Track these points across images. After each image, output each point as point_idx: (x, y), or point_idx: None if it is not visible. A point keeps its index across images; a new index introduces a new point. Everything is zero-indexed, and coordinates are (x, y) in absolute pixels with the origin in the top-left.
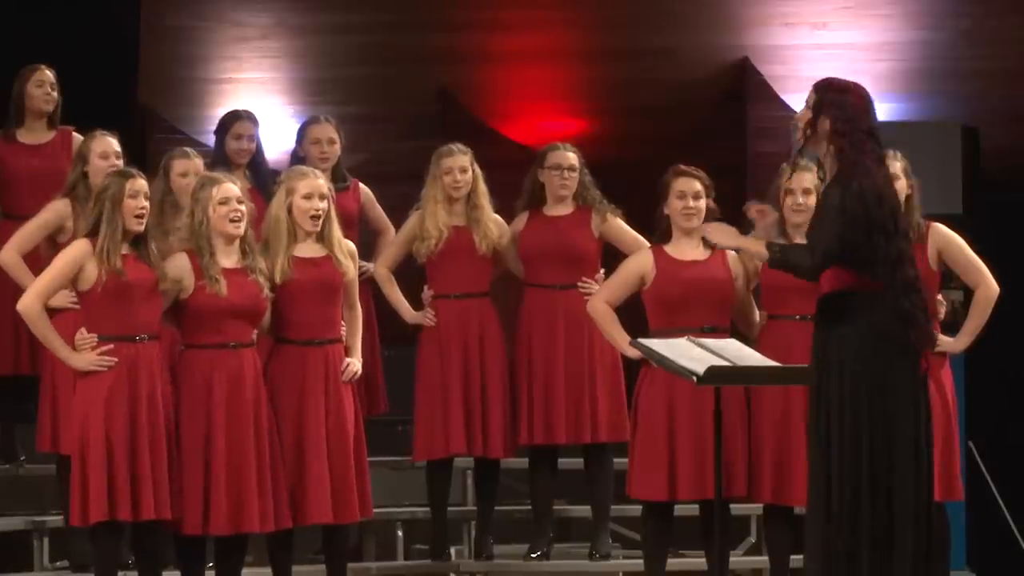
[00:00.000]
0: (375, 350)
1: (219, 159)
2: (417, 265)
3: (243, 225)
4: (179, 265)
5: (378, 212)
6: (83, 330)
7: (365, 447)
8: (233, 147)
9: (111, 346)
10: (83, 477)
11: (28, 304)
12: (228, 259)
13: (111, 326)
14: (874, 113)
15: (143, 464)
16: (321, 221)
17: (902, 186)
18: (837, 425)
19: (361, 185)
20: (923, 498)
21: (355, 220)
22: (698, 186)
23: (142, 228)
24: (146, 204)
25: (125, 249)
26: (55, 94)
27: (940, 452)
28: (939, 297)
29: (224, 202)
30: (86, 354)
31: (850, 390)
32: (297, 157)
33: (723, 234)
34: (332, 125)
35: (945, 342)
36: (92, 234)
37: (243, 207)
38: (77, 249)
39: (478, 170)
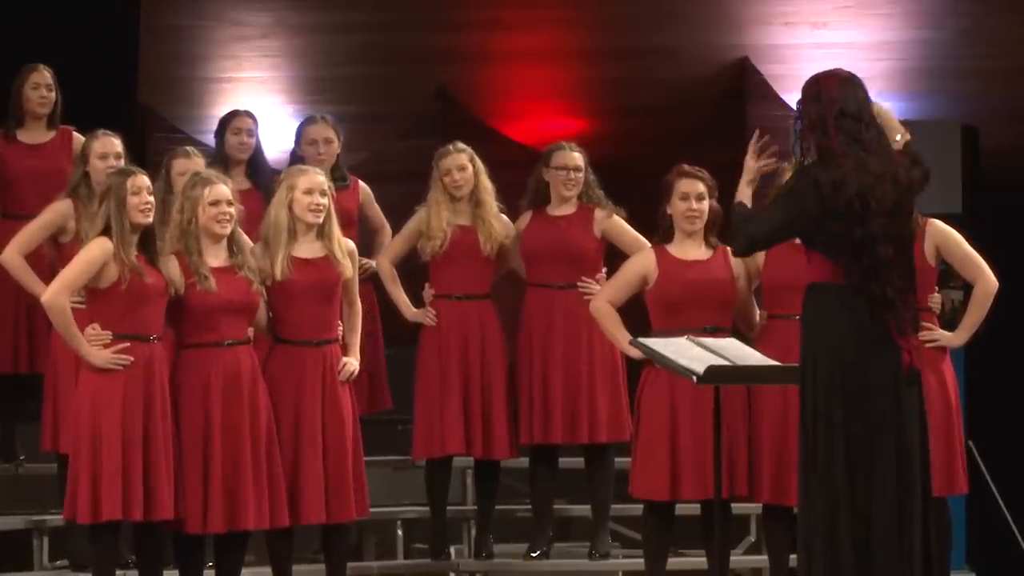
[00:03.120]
0: (379, 347)
1: (219, 158)
2: (419, 262)
3: (230, 226)
4: (169, 268)
5: (376, 211)
6: (96, 326)
7: (362, 447)
8: (233, 142)
9: (127, 344)
10: (94, 474)
11: (53, 298)
12: (216, 258)
13: (126, 325)
14: (847, 90)
15: (159, 464)
16: (322, 216)
17: None
18: (812, 420)
19: (361, 183)
20: (912, 496)
21: (355, 219)
22: (701, 187)
23: (149, 221)
24: (150, 199)
25: (135, 250)
26: (52, 95)
27: (941, 446)
28: (935, 293)
29: (214, 204)
30: (103, 351)
31: (828, 387)
32: (296, 157)
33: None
34: (329, 124)
35: (944, 336)
36: (107, 233)
37: (232, 209)
38: (100, 246)
39: (480, 166)
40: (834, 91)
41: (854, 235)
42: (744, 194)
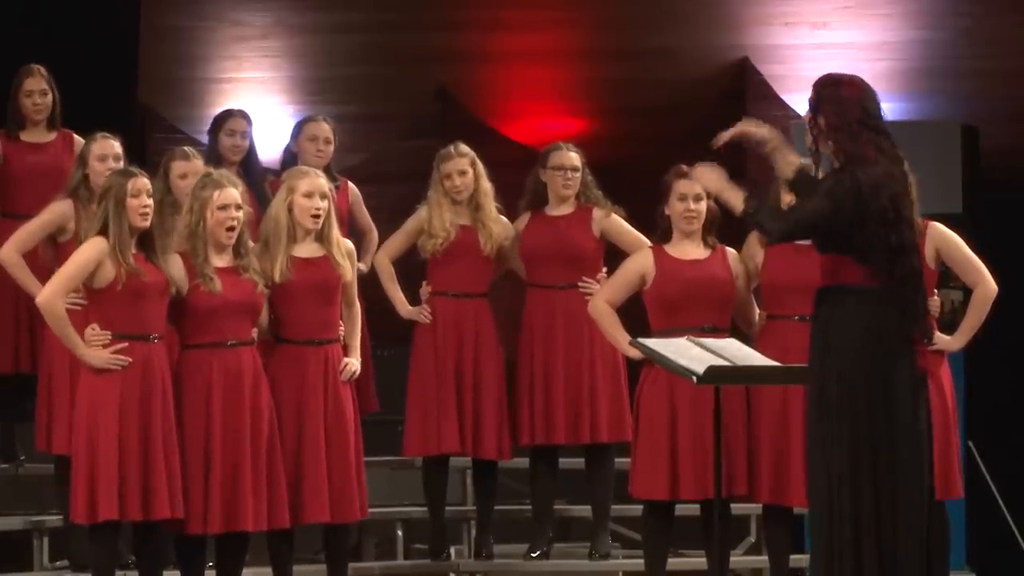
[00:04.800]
0: (366, 350)
1: (212, 157)
2: (416, 261)
3: (236, 231)
4: (172, 267)
5: (364, 213)
6: (95, 326)
7: (362, 447)
8: (227, 143)
9: (126, 344)
10: (91, 474)
11: (49, 299)
12: (221, 259)
13: (125, 325)
14: (870, 102)
15: (157, 463)
16: (321, 220)
17: None
18: (837, 424)
19: (351, 185)
20: (924, 496)
21: (344, 220)
22: (699, 188)
23: (147, 225)
24: (149, 202)
25: (134, 249)
26: (45, 100)
27: (939, 450)
28: (935, 296)
29: (223, 208)
30: (101, 352)
31: (849, 389)
32: (290, 153)
33: (708, 177)
34: (329, 125)
35: (942, 340)
36: (104, 233)
37: (240, 214)
38: (95, 246)
39: (481, 169)
40: (856, 100)
41: (891, 241)
42: (738, 196)
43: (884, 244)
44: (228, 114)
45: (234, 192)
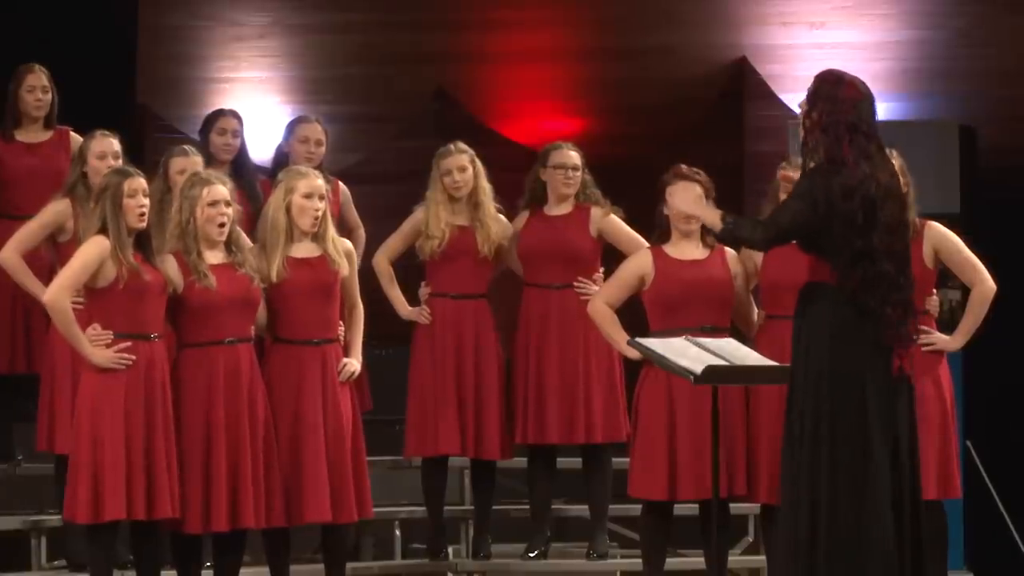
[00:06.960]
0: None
1: (203, 156)
2: (415, 262)
3: (227, 228)
4: (167, 267)
5: (352, 213)
6: (96, 326)
7: (364, 447)
8: (218, 143)
9: (129, 343)
10: (95, 474)
11: (55, 297)
12: (214, 256)
13: (126, 324)
14: (864, 107)
15: (159, 463)
16: (319, 221)
17: None
18: (799, 419)
19: (342, 185)
20: (901, 500)
21: (336, 220)
22: (698, 189)
23: (144, 225)
24: (146, 202)
25: (132, 248)
26: (47, 97)
27: (937, 450)
28: (934, 295)
29: (212, 204)
30: (105, 351)
31: (814, 385)
32: (282, 153)
33: (683, 198)
34: (321, 126)
35: (941, 340)
36: (104, 232)
37: (230, 210)
38: (98, 245)
39: (480, 168)
40: (850, 103)
41: (855, 245)
42: (715, 214)
43: (848, 247)
44: (219, 113)
45: (223, 189)
